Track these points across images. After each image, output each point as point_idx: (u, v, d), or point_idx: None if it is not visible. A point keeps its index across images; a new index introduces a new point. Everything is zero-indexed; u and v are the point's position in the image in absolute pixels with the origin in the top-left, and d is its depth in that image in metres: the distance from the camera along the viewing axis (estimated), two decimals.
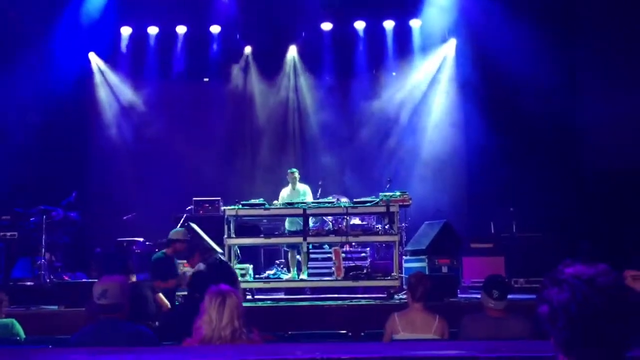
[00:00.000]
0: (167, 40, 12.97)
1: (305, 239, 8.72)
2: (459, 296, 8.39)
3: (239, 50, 13.23)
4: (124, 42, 12.92)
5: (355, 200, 8.92)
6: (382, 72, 13.15)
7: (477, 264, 9.31)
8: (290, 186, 9.97)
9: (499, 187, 11.32)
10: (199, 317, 3.37)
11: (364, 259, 9.88)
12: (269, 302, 8.48)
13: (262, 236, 8.86)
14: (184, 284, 6.76)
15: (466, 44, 12.54)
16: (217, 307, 3.32)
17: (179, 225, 9.84)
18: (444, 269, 8.90)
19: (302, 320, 7.31)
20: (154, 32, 12.93)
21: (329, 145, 12.88)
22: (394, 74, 13.15)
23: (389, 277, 8.56)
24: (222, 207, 9.36)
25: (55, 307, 7.82)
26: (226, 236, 8.63)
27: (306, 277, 8.97)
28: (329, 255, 9.47)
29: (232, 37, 13.02)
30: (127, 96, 13.07)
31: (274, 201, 9.35)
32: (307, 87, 13.29)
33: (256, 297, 8.80)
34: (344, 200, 9.26)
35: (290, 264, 9.58)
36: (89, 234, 11.35)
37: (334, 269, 8.93)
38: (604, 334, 1.58)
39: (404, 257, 9.39)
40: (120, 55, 13.02)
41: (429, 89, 13.06)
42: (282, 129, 13.28)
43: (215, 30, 12.93)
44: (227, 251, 8.53)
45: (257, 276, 9.30)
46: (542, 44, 11.28)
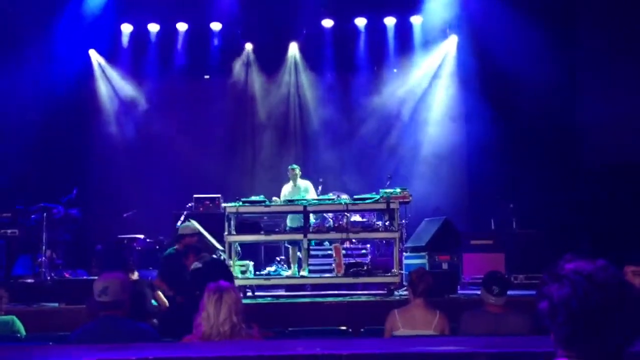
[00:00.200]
0: (167, 37, 12.94)
1: (305, 236, 8.72)
2: (459, 292, 8.38)
3: (239, 47, 13.21)
4: (125, 39, 12.91)
5: (355, 197, 8.92)
6: (383, 69, 13.12)
7: (477, 260, 9.31)
8: (291, 183, 9.97)
9: (499, 183, 11.33)
10: (198, 314, 3.38)
11: (364, 255, 9.88)
12: (269, 298, 8.49)
13: (263, 233, 8.85)
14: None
15: (467, 40, 12.52)
16: (214, 303, 3.34)
17: (180, 222, 9.84)
18: (444, 266, 8.92)
19: (303, 316, 7.33)
20: (154, 29, 12.89)
21: (330, 142, 12.88)
22: (395, 70, 13.13)
23: (389, 274, 8.58)
24: (223, 204, 9.35)
25: (55, 304, 7.82)
26: (227, 233, 8.63)
27: (307, 273, 8.97)
28: (330, 252, 9.48)
29: (233, 34, 12.99)
30: (128, 93, 13.05)
31: (274, 198, 9.35)
32: (308, 84, 13.27)
33: (257, 293, 8.81)
34: (345, 197, 9.26)
35: (291, 260, 9.59)
36: (89, 231, 11.36)
37: (334, 265, 8.93)
38: (605, 330, 1.58)
39: (404, 253, 9.40)
40: (121, 52, 12.99)
41: (429, 85, 13.04)
42: (283, 125, 13.27)
43: (216, 27, 12.89)
44: (227, 248, 8.54)
45: (257, 273, 9.32)
46: (542, 40, 11.26)
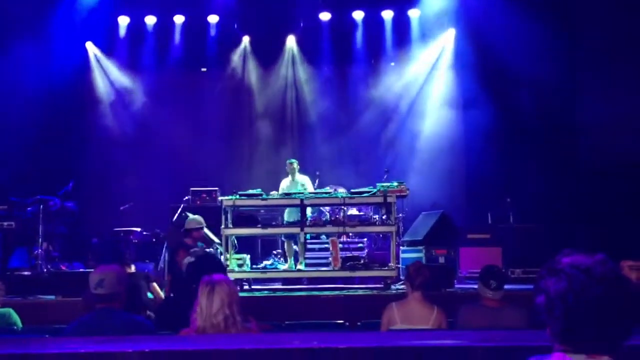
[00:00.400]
0: (164, 29, 12.90)
1: (302, 230, 8.72)
2: (456, 286, 8.40)
3: (237, 39, 13.17)
4: (122, 31, 12.86)
5: (352, 190, 8.90)
6: (380, 62, 13.09)
7: (474, 255, 9.31)
8: (289, 177, 9.95)
9: (496, 177, 11.33)
10: (194, 309, 3.39)
11: (361, 249, 9.89)
12: (266, 292, 8.50)
13: (260, 226, 8.84)
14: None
15: (465, 34, 12.49)
16: (207, 295, 3.36)
17: (176, 215, 9.84)
18: (441, 260, 8.91)
19: (299, 310, 7.33)
20: (151, 21, 12.85)
21: (327, 135, 12.85)
22: (393, 64, 13.09)
23: (386, 268, 8.57)
24: (220, 197, 9.34)
25: (52, 297, 7.81)
26: (223, 226, 8.62)
27: (303, 267, 8.98)
28: (326, 245, 9.48)
29: (230, 26, 12.94)
30: (125, 86, 13.02)
31: (272, 191, 9.34)
32: (305, 77, 13.23)
33: (253, 287, 8.82)
34: (341, 190, 9.25)
35: (287, 254, 9.58)
36: (86, 223, 11.33)
37: (331, 259, 8.92)
38: (601, 324, 1.58)
39: (401, 247, 9.40)
40: (117, 44, 12.95)
41: (427, 79, 13.02)
42: (280, 119, 13.24)
43: (213, 20, 12.86)
44: (224, 241, 8.54)
45: (254, 266, 9.31)
46: (541, 35, 11.22)
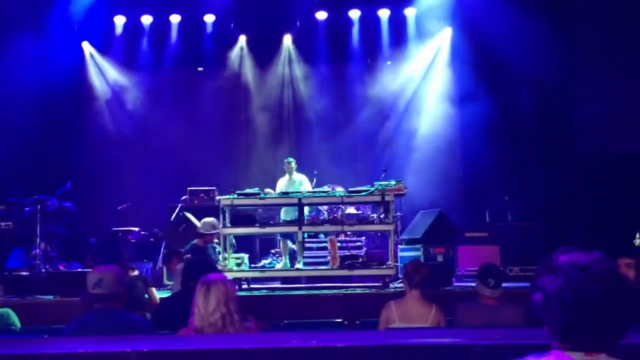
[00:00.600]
0: (161, 29, 12.89)
1: (300, 228, 8.71)
2: (454, 285, 8.42)
3: (233, 39, 13.16)
4: (118, 31, 12.84)
5: (350, 189, 8.90)
6: (377, 61, 13.09)
7: (472, 253, 9.33)
8: (287, 176, 9.95)
9: (494, 176, 11.34)
10: (192, 310, 3.40)
11: (359, 248, 9.88)
12: (264, 291, 8.50)
13: (258, 225, 8.84)
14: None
15: (461, 33, 12.49)
16: (203, 294, 3.37)
17: (174, 215, 9.84)
18: (439, 258, 8.91)
19: (298, 309, 7.34)
20: (147, 21, 12.84)
21: (324, 134, 12.85)
22: (389, 63, 13.10)
23: (384, 266, 8.58)
24: (217, 197, 9.33)
25: (50, 297, 7.81)
26: (221, 226, 8.62)
27: (302, 266, 8.97)
28: (325, 244, 9.47)
29: (226, 25, 12.93)
30: (121, 85, 13.00)
31: (268, 190, 9.31)
32: (302, 76, 13.23)
33: (252, 286, 8.82)
34: (339, 189, 9.24)
35: (282, 252, 9.58)
36: (84, 223, 11.32)
37: (329, 258, 8.93)
38: (598, 321, 1.59)
39: (399, 246, 9.40)
40: (113, 44, 12.93)
41: (423, 77, 13.02)
42: (277, 118, 13.23)
43: (209, 19, 12.85)
44: (222, 241, 8.54)
45: (252, 265, 9.31)
46: (538, 32, 11.20)
